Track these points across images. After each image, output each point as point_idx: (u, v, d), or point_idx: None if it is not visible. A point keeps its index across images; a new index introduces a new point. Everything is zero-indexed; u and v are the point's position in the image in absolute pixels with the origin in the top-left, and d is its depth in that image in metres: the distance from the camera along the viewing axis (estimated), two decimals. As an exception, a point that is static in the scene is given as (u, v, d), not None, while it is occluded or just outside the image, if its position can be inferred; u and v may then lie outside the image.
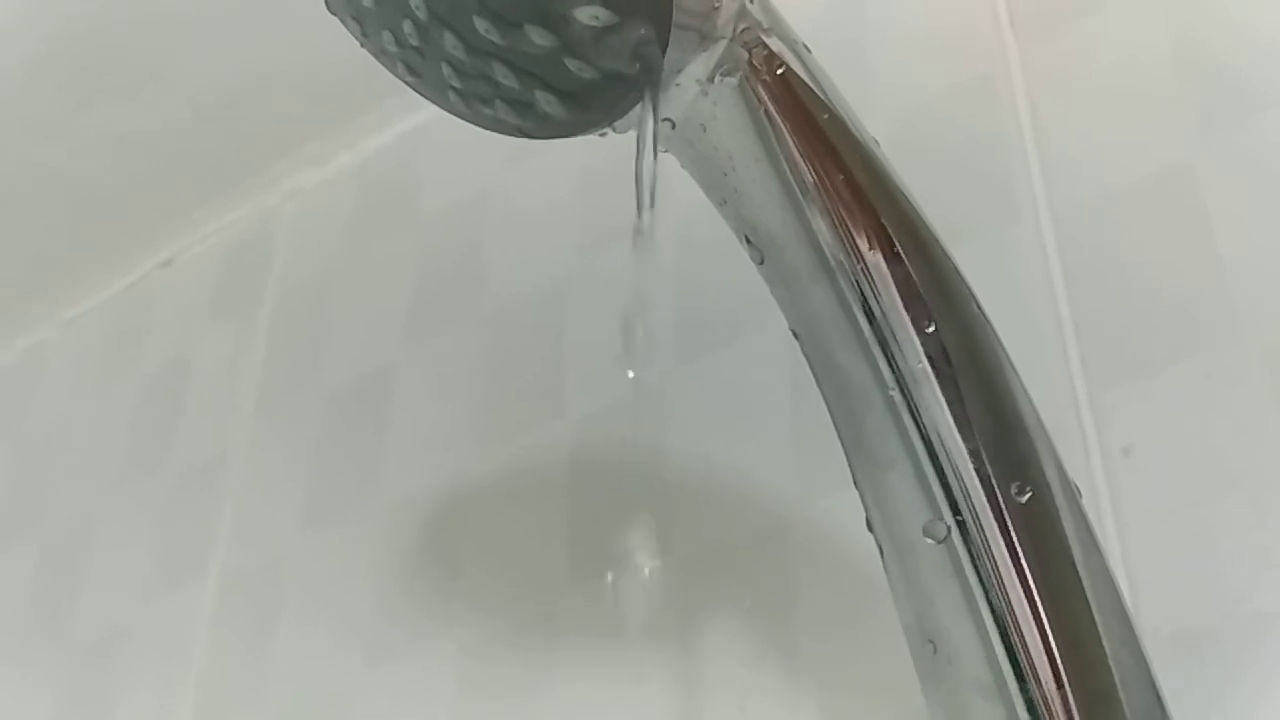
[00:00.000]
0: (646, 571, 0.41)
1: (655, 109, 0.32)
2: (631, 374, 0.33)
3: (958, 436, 0.31)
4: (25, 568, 0.79)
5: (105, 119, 0.76)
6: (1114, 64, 0.51)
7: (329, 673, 0.62)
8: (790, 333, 0.35)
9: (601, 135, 0.35)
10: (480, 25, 0.32)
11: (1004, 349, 0.33)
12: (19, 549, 0.80)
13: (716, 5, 0.32)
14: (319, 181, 0.80)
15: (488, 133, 0.38)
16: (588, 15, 0.31)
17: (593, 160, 0.64)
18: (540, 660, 0.55)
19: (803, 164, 0.33)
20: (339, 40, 0.38)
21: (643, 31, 0.31)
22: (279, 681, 0.64)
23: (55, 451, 0.83)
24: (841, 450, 0.34)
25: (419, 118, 0.76)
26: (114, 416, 0.81)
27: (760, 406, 0.54)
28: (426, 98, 0.37)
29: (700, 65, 0.33)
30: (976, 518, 0.31)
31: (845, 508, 0.34)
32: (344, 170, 0.79)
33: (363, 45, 0.37)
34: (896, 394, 0.32)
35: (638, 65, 0.32)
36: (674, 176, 0.37)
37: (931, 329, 0.32)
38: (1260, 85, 0.47)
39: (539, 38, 0.32)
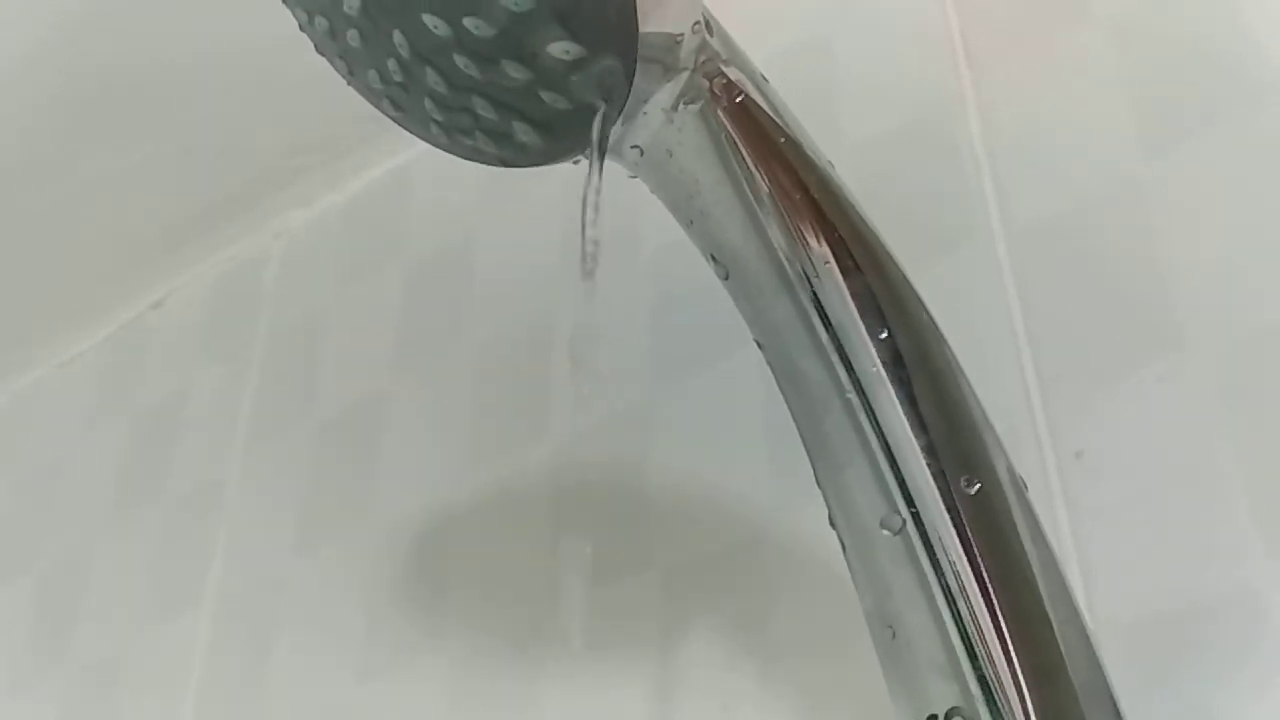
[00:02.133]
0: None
1: (606, 127, 0.34)
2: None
3: (910, 434, 0.33)
4: (24, 598, 0.80)
5: (98, 164, 0.78)
6: (1062, 92, 0.53)
7: (324, 690, 0.64)
8: (755, 343, 0.37)
9: (575, 163, 0.38)
10: (460, 61, 0.34)
11: (952, 352, 0.35)
12: (18, 581, 0.82)
13: (678, 39, 0.35)
14: (306, 220, 0.82)
15: (470, 170, 0.40)
16: (559, 50, 0.33)
17: (573, 193, 0.66)
18: (527, 673, 0.57)
19: (762, 184, 0.35)
20: (324, 83, 0.40)
21: (610, 64, 0.33)
22: (275, 701, 0.65)
23: (52, 487, 0.85)
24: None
25: (403, 157, 0.78)
26: (110, 452, 0.83)
27: (736, 424, 0.56)
28: (410, 131, 0.39)
29: (665, 95, 0.35)
30: (929, 509, 0.33)
31: (819, 518, 0.36)
32: (330, 209, 0.81)
33: (349, 83, 0.39)
34: (854, 396, 0.34)
35: (605, 95, 0.34)
36: (648, 208, 0.39)
37: (885, 335, 0.34)
38: (1196, 111, 0.49)
39: (515, 72, 0.34)
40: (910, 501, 0.33)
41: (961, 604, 0.32)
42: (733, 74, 0.36)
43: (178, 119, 0.77)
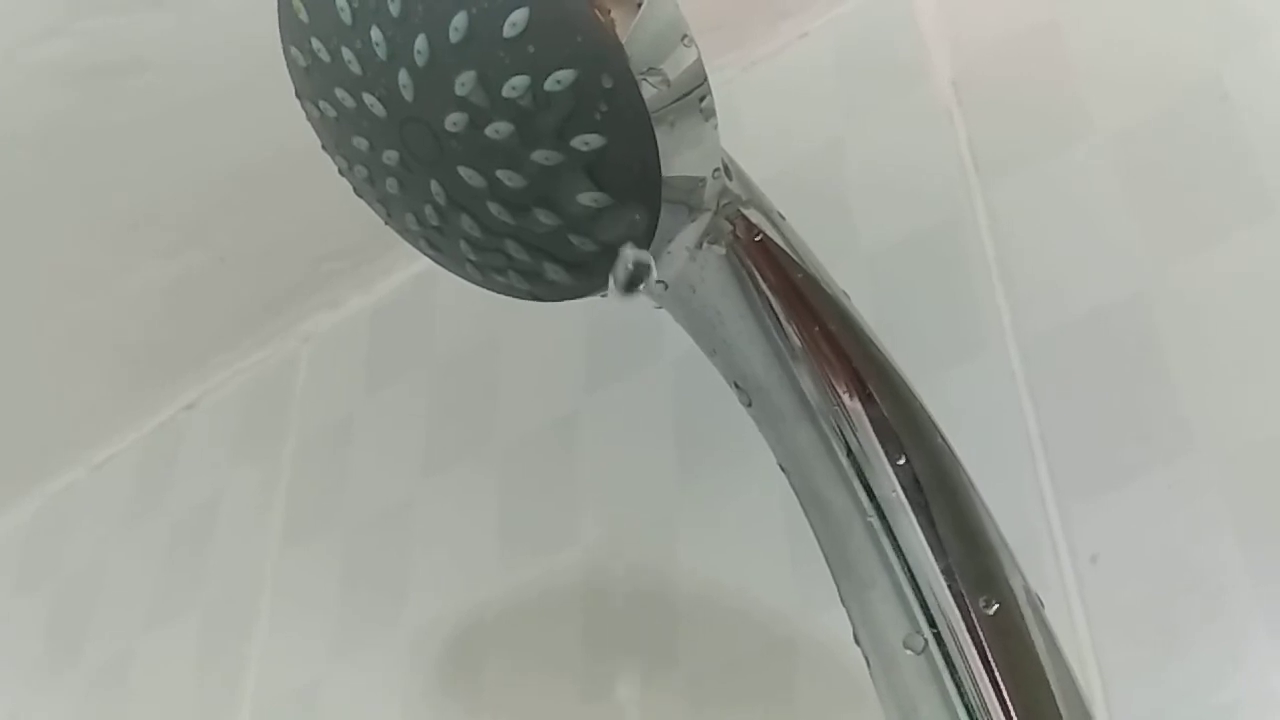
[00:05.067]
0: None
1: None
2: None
3: (930, 557, 0.35)
4: (69, 703, 0.82)
5: (135, 275, 0.80)
6: (1070, 201, 0.55)
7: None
8: (779, 467, 0.39)
9: (602, 296, 0.39)
10: (493, 208, 0.36)
11: (968, 474, 0.36)
12: (62, 685, 0.83)
13: (701, 184, 0.36)
14: (334, 324, 0.84)
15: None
16: (587, 199, 0.35)
17: (595, 302, 0.68)
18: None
19: (783, 319, 0.37)
20: (350, 193, 0.42)
21: (634, 211, 0.35)
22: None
23: (91, 590, 0.86)
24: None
25: (427, 262, 0.79)
26: (146, 554, 0.84)
27: (759, 528, 0.57)
28: (445, 268, 0.41)
29: (689, 234, 0.37)
30: (950, 630, 0.34)
31: (842, 622, 0.37)
32: (358, 312, 0.83)
33: (387, 224, 0.41)
34: (875, 520, 0.35)
35: (631, 239, 0.36)
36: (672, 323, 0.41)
37: (903, 461, 0.36)
38: (1201, 222, 0.51)
39: (545, 218, 0.36)
40: (932, 622, 0.34)
41: (984, 721, 0.34)
42: (752, 215, 0.37)
43: (211, 230, 0.79)
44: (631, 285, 0.35)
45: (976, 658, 0.34)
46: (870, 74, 0.64)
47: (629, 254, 0.35)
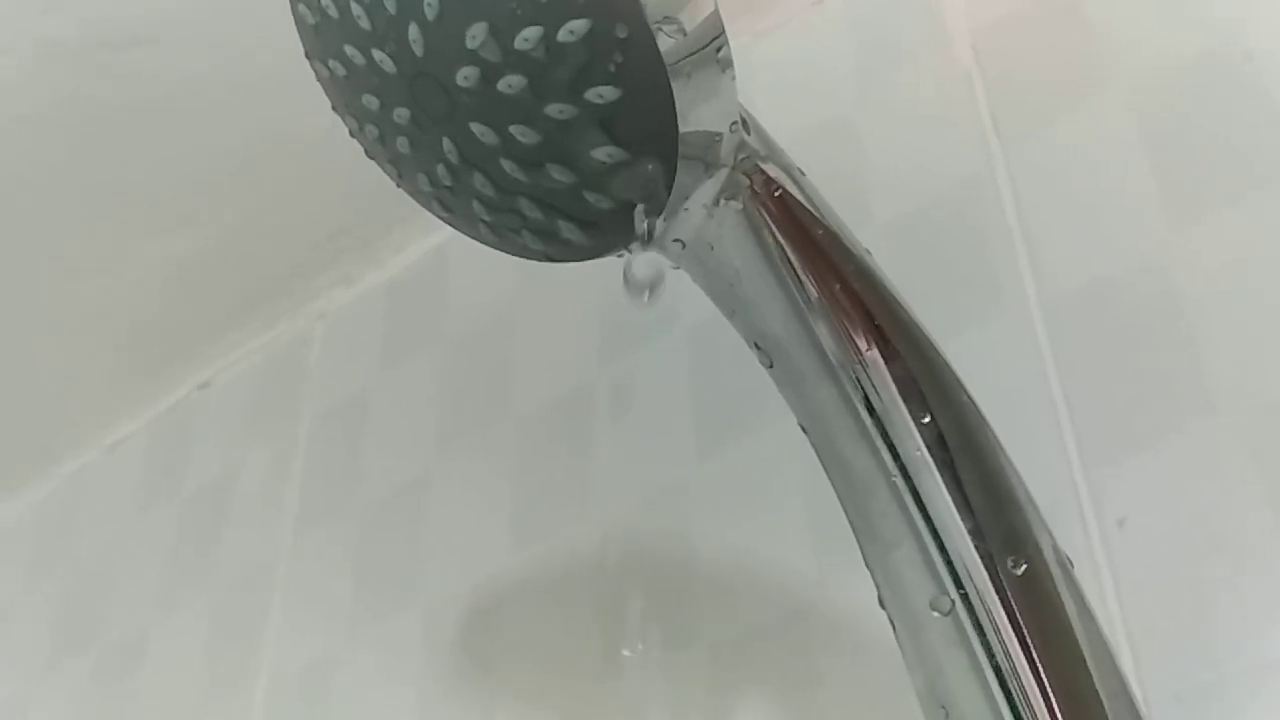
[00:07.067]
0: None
1: (651, 224, 0.35)
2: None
3: (956, 516, 0.34)
4: (82, 680, 0.81)
5: (147, 254, 0.80)
6: (1092, 161, 0.54)
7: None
8: (800, 428, 0.38)
9: (619, 256, 0.39)
10: (507, 166, 0.35)
11: (993, 432, 0.36)
12: (76, 663, 0.83)
13: (718, 137, 0.35)
14: (348, 300, 0.84)
15: (511, 253, 0.41)
16: (602, 154, 0.34)
17: (610, 272, 0.67)
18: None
19: (803, 276, 0.36)
20: (362, 167, 0.41)
21: (651, 166, 0.34)
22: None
23: (106, 570, 0.86)
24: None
25: (441, 236, 0.79)
26: (161, 534, 0.84)
27: (778, 496, 0.56)
28: (459, 229, 0.40)
29: (706, 191, 0.36)
30: (977, 591, 0.33)
31: (863, 588, 0.36)
32: (372, 288, 0.83)
33: (399, 185, 0.40)
34: (899, 480, 0.35)
35: (647, 195, 0.35)
36: (687, 284, 0.40)
37: (927, 419, 0.35)
38: (1220, 182, 0.50)
39: (559, 175, 0.35)
40: (959, 584, 0.34)
41: (1013, 684, 0.33)
42: (771, 170, 0.37)
43: (223, 207, 0.78)
44: (649, 194, 0.34)
45: (1005, 619, 0.33)
46: (888, 37, 0.63)
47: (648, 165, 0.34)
